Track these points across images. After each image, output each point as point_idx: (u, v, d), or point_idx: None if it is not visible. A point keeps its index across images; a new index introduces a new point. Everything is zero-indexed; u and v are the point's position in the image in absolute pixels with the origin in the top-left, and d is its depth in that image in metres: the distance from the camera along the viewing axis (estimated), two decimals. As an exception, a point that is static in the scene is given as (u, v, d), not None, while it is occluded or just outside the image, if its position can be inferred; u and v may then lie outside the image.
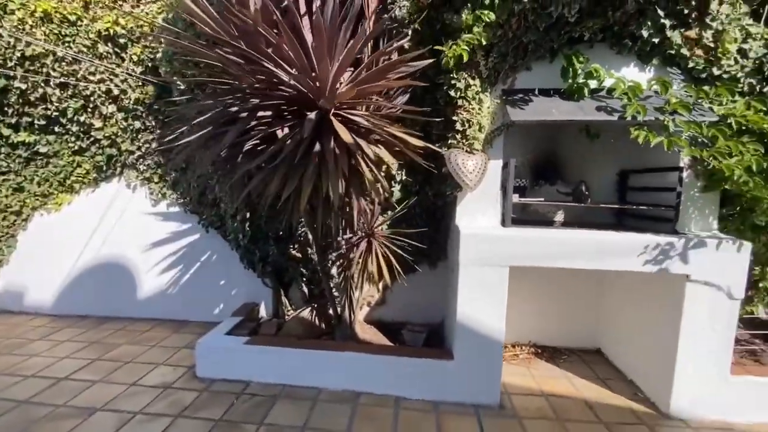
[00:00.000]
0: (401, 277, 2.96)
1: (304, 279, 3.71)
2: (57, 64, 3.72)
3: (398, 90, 2.77)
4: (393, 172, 3.13)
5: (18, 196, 4.13)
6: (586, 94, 2.51)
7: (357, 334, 3.25)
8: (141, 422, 2.44)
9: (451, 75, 2.58)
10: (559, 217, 2.91)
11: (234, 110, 2.26)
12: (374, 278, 2.91)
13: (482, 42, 2.43)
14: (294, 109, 2.29)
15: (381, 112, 2.63)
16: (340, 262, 3.15)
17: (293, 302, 3.83)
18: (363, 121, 2.28)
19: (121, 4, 3.69)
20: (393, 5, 2.68)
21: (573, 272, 2.58)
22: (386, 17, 2.57)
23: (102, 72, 3.72)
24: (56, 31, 3.67)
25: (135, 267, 4.20)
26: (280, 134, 2.20)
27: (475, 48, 2.48)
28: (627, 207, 2.86)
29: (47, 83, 3.77)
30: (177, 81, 3.22)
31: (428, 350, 2.97)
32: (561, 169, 3.16)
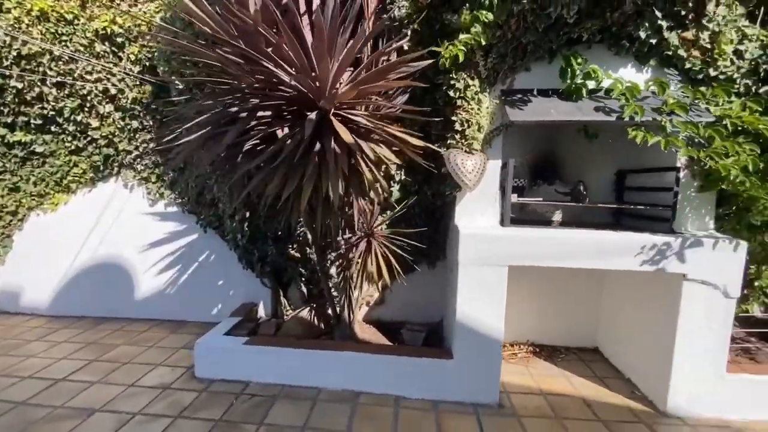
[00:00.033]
0: (401, 277, 2.97)
1: (303, 279, 3.71)
2: (54, 63, 3.70)
3: (397, 90, 2.78)
4: (392, 172, 3.14)
5: (14, 196, 4.10)
6: (585, 95, 2.52)
7: (356, 334, 3.26)
8: (140, 423, 2.44)
9: (451, 75, 2.59)
10: (557, 217, 2.92)
11: (233, 110, 2.26)
12: (374, 278, 2.92)
13: (481, 42, 2.44)
14: (294, 109, 2.29)
15: (380, 112, 2.63)
16: (340, 262, 3.15)
17: (292, 302, 3.83)
18: (363, 121, 2.28)
19: (119, 3, 3.67)
20: (392, 5, 2.69)
21: (571, 271, 2.59)
22: (386, 17, 2.57)
23: (99, 71, 3.70)
24: (53, 30, 3.64)
25: (132, 267, 4.18)
26: (280, 134, 2.20)
27: (474, 48, 2.49)
28: (625, 207, 2.88)
29: (44, 82, 3.74)
30: (175, 81, 3.20)
31: (428, 350, 2.98)
32: (559, 169, 3.18)
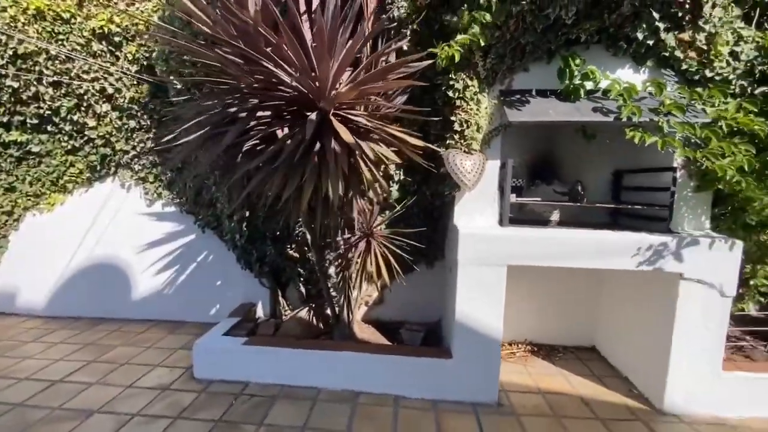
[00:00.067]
0: (400, 277, 2.97)
1: (302, 279, 3.71)
2: (50, 63, 3.68)
3: (396, 90, 2.78)
4: (391, 172, 3.14)
5: (9, 196, 4.07)
6: (583, 95, 2.54)
7: (355, 334, 3.26)
8: (139, 424, 2.43)
9: (450, 76, 2.60)
10: (555, 217, 2.94)
11: (233, 110, 2.26)
12: (373, 278, 2.92)
13: (480, 43, 2.45)
14: (293, 109, 2.28)
15: (380, 112, 2.63)
16: (339, 262, 3.15)
17: (290, 302, 3.83)
18: (363, 121, 2.29)
19: (116, 2, 3.65)
20: (391, 5, 2.69)
21: (568, 271, 2.61)
22: (385, 18, 2.58)
23: (96, 70, 3.68)
24: (49, 29, 3.62)
25: (130, 267, 4.16)
26: (280, 134, 2.20)
27: (474, 49, 2.50)
28: (622, 206, 2.90)
29: (40, 82, 3.72)
30: (174, 80, 3.19)
31: (427, 349, 2.99)
32: (557, 169, 3.20)
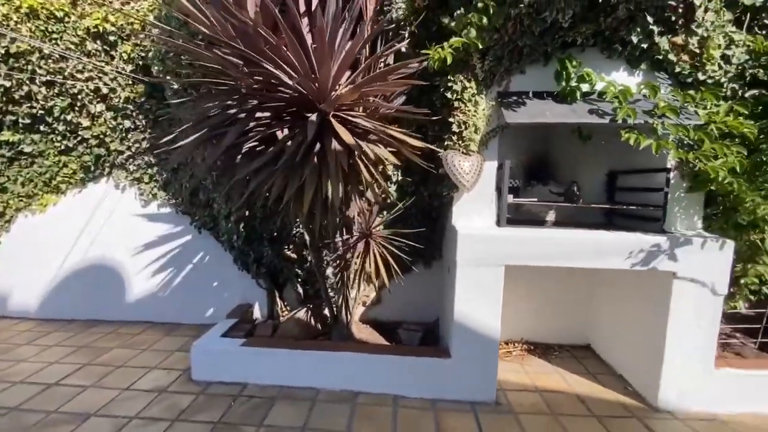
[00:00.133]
0: (398, 277, 2.99)
1: (299, 280, 3.71)
2: (43, 62, 3.63)
3: (395, 91, 2.79)
4: (389, 173, 3.16)
5: (1, 197, 4.01)
6: (579, 97, 2.57)
7: (353, 334, 3.27)
8: (137, 427, 2.41)
9: (448, 77, 2.62)
10: (551, 217, 2.97)
11: (232, 112, 2.25)
12: (371, 278, 2.93)
13: (478, 45, 2.47)
14: (293, 111, 2.29)
15: (378, 113, 2.64)
16: (337, 263, 3.16)
17: (288, 303, 3.82)
18: (363, 123, 2.29)
19: (111, 1, 3.61)
20: (390, 7, 2.70)
21: (564, 270, 2.64)
22: (385, 20, 2.59)
23: (90, 70, 3.64)
24: (42, 28, 3.57)
25: (124, 269, 4.12)
26: (280, 135, 2.20)
27: (471, 51, 2.52)
28: (617, 207, 2.94)
29: (33, 81, 3.67)
30: (170, 81, 3.16)
31: (426, 349, 3.00)
32: (553, 170, 3.24)
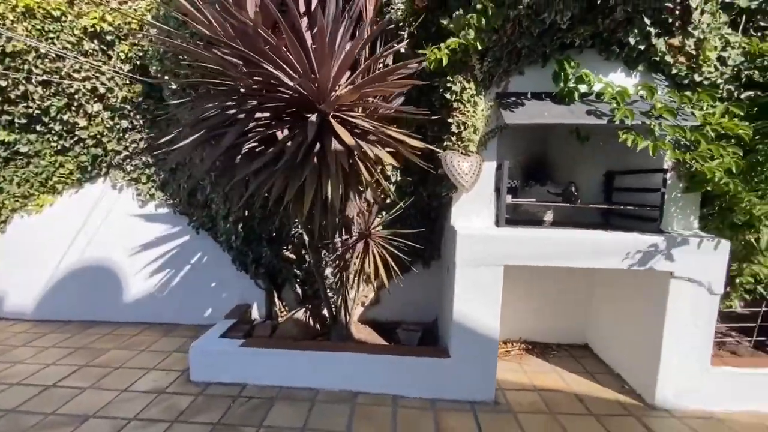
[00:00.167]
0: (397, 277, 2.99)
1: (298, 280, 3.71)
2: (39, 61, 3.60)
3: (394, 92, 2.79)
4: (388, 173, 3.16)
5: (-4, 197, 3.98)
6: (577, 98, 2.59)
7: (352, 335, 3.27)
8: (136, 428, 2.40)
9: (447, 78, 2.63)
10: (549, 217, 2.99)
11: (232, 112, 2.25)
12: (370, 278, 2.94)
13: (477, 46, 2.48)
14: (293, 111, 2.28)
15: (378, 114, 2.64)
16: (337, 263, 3.16)
17: (286, 303, 3.82)
18: (362, 123, 2.30)
19: (108, 0, 3.59)
20: (389, 8, 2.71)
21: (562, 270, 2.65)
22: (385, 20, 2.59)
23: (87, 69, 3.61)
24: (39, 27, 3.54)
25: (122, 270, 4.09)
26: (280, 136, 2.20)
27: (471, 52, 2.53)
28: (615, 207, 2.96)
29: (29, 81, 3.63)
30: (169, 81, 3.15)
31: (425, 349, 3.01)
32: (550, 170, 3.26)
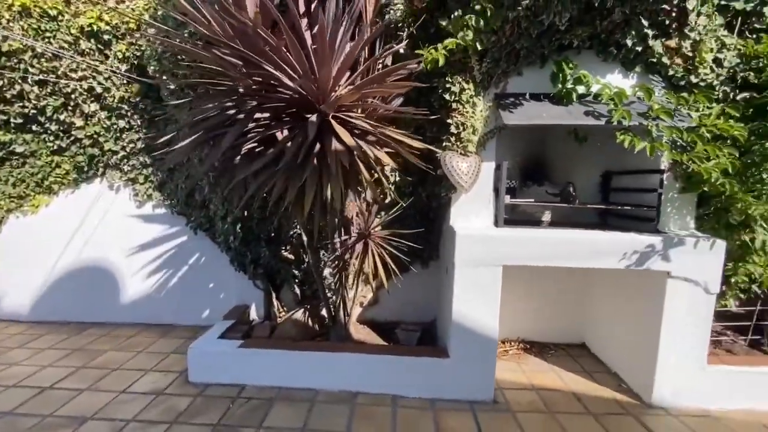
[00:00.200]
0: (396, 277, 2.99)
1: (297, 280, 3.70)
2: (36, 60, 3.58)
3: (393, 92, 2.80)
4: (387, 174, 3.16)
5: (-9, 198, 3.95)
6: (575, 99, 2.60)
7: (351, 335, 3.27)
8: (135, 430, 2.39)
9: (446, 79, 2.64)
10: (546, 217, 3.01)
11: (231, 112, 2.24)
12: (370, 279, 2.94)
13: (477, 47, 2.50)
14: (293, 112, 2.28)
15: (377, 114, 2.65)
16: (336, 263, 3.16)
17: (285, 304, 3.81)
18: (362, 124, 2.30)
19: (106, 0, 3.57)
20: (388, 8, 2.71)
21: (560, 270, 2.66)
22: (385, 22, 2.60)
23: (84, 69, 3.59)
24: (35, 26, 3.51)
25: (119, 270, 4.07)
26: (280, 136, 2.19)
27: (470, 53, 2.54)
28: (612, 208, 2.98)
29: (25, 80, 3.61)
30: (167, 81, 3.13)
31: (424, 349, 3.01)
32: (548, 171, 3.27)
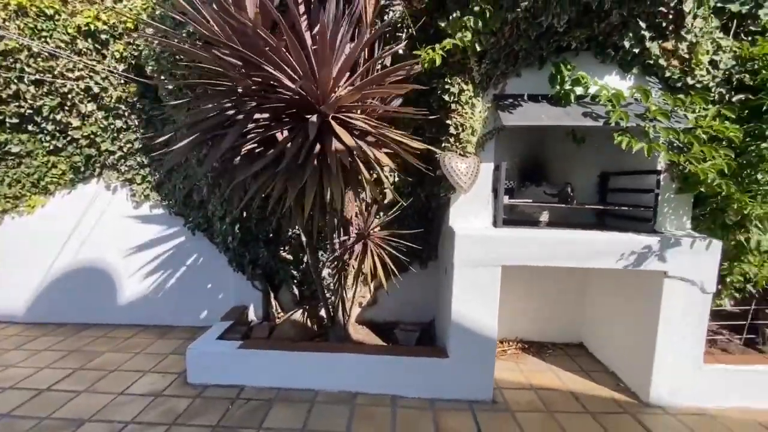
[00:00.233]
0: (396, 278, 3.00)
1: (295, 281, 3.70)
2: (32, 60, 3.54)
3: (393, 93, 2.80)
4: (387, 174, 3.16)
5: (-14, 198, 3.91)
6: (573, 100, 2.62)
7: (350, 335, 3.27)
8: (134, 432, 2.39)
9: (445, 80, 2.65)
10: (544, 218, 3.02)
11: (231, 113, 2.24)
12: (369, 279, 2.94)
13: (476, 48, 2.51)
14: (292, 112, 2.28)
15: (376, 115, 2.65)
16: (335, 264, 3.16)
17: (283, 305, 3.80)
18: (362, 124, 2.30)
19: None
20: (388, 9, 2.72)
21: (557, 270, 2.68)
22: (386, 23, 2.60)
23: (81, 69, 3.57)
24: (31, 25, 3.48)
25: (116, 271, 4.05)
26: (280, 137, 2.19)
27: (469, 54, 2.55)
28: (610, 208, 3.00)
29: (21, 80, 3.58)
30: (165, 81, 3.12)
31: (423, 349, 3.02)
32: (545, 171, 3.29)
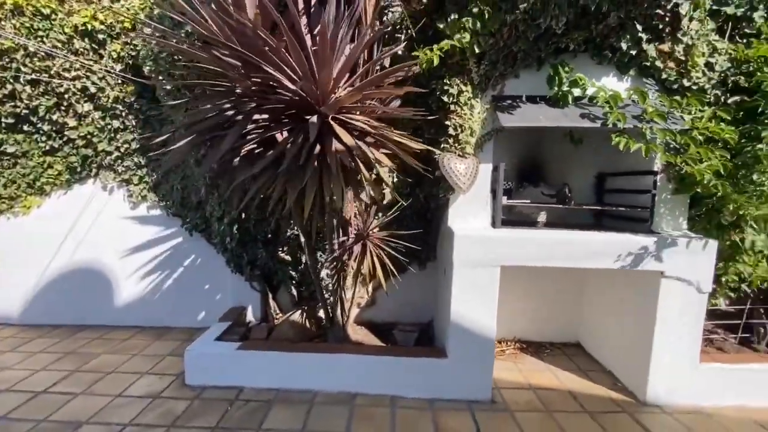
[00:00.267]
0: (394, 278, 3.00)
1: (294, 282, 3.69)
2: (28, 60, 3.52)
3: (392, 94, 2.81)
4: (386, 174, 3.17)
5: (-19, 199, 3.87)
6: (570, 102, 2.65)
7: (349, 336, 3.27)
8: (132, 434, 2.37)
9: (444, 81, 2.66)
10: (542, 218, 3.04)
11: (230, 114, 2.23)
12: (367, 280, 2.94)
13: (474, 49, 2.52)
14: (292, 113, 2.28)
15: (375, 115, 2.65)
16: (334, 264, 3.15)
17: (282, 305, 3.79)
18: (362, 125, 2.31)
19: (100, -1, 3.54)
20: (387, 10, 2.73)
21: (555, 270, 2.69)
22: (385, 24, 2.61)
23: (78, 69, 3.54)
24: (28, 25, 3.46)
25: (112, 272, 4.02)
26: (280, 138, 2.19)
27: (468, 55, 2.56)
28: (607, 209, 3.02)
29: (17, 79, 3.55)
30: (163, 81, 3.11)
31: (422, 349, 3.03)
32: (544, 172, 3.31)
